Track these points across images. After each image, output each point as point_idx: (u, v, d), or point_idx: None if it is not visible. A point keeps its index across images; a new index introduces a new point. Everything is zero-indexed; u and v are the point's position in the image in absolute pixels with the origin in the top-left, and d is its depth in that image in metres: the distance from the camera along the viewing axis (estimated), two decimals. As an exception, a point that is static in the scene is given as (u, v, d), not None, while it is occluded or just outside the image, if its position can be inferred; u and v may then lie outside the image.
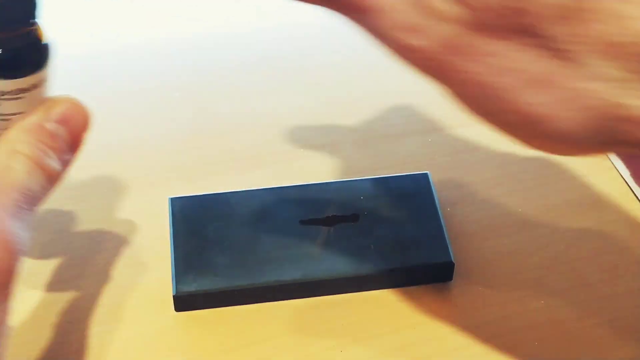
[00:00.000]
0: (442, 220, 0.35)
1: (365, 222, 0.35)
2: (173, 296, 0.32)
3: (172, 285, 0.32)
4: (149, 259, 0.35)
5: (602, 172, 0.40)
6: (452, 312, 0.34)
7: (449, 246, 0.34)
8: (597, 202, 0.38)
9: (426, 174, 0.37)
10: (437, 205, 0.35)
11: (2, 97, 0.25)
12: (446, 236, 0.34)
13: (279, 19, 0.50)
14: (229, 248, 0.33)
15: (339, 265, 0.33)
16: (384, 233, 0.34)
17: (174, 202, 0.35)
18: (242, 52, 0.47)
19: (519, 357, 0.32)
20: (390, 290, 0.34)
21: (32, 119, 0.26)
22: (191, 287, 0.32)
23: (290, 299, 0.33)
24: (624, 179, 0.39)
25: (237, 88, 0.44)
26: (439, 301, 0.34)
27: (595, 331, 0.33)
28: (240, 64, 0.46)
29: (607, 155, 0.40)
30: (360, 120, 0.42)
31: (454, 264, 0.34)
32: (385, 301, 0.34)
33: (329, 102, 0.43)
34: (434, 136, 0.41)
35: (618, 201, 0.38)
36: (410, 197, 0.36)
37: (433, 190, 0.36)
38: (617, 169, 0.40)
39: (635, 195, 0.39)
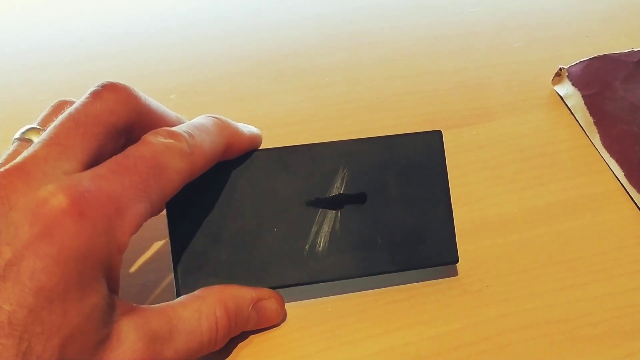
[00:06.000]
0: (450, 200, 0.33)
1: (372, 204, 0.33)
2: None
3: (175, 286, 0.31)
4: (151, 258, 0.35)
5: (596, 173, 0.40)
6: (448, 312, 0.34)
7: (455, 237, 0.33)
8: (591, 202, 0.39)
9: (439, 132, 0.34)
10: (447, 176, 0.33)
11: None
12: (453, 224, 0.33)
13: (276, 19, 0.50)
14: (231, 242, 0.32)
15: (344, 265, 0.32)
16: (391, 220, 0.33)
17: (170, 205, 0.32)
18: (240, 53, 0.47)
19: (515, 357, 0.32)
20: (387, 290, 0.34)
21: (243, 295, 0.31)
22: (194, 287, 0.31)
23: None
24: (618, 179, 0.40)
25: (234, 89, 0.45)
26: (435, 301, 0.34)
27: (590, 331, 0.33)
28: (237, 65, 0.46)
29: (601, 156, 0.41)
30: (360, 120, 0.43)
31: (457, 260, 0.33)
32: (381, 301, 0.34)
33: (328, 103, 0.44)
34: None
35: (612, 201, 0.39)
36: (420, 166, 0.33)
37: (444, 156, 0.34)
38: (610, 169, 0.40)
39: (629, 195, 0.39)
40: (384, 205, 0.33)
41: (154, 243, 0.36)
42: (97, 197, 0.25)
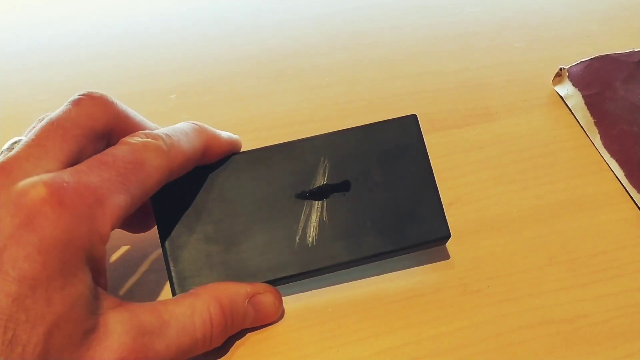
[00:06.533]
0: (434, 178, 0.33)
1: (357, 190, 0.33)
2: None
3: (171, 289, 0.32)
4: (151, 258, 0.35)
5: (597, 173, 0.40)
6: (447, 313, 0.34)
7: (444, 214, 0.33)
8: (591, 202, 0.39)
9: (414, 116, 0.35)
10: (427, 156, 0.34)
11: None
12: (440, 201, 0.33)
13: (276, 19, 0.50)
14: (222, 241, 0.32)
15: (336, 252, 0.32)
16: (378, 203, 0.33)
17: (155, 199, 0.32)
18: (240, 53, 0.47)
19: (515, 357, 0.32)
20: (387, 291, 0.34)
21: (237, 291, 0.31)
22: (189, 288, 0.31)
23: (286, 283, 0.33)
24: (618, 179, 0.40)
25: (234, 89, 0.45)
26: (435, 301, 0.34)
27: (590, 331, 0.33)
28: (237, 65, 0.46)
29: (601, 156, 0.41)
30: (359, 121, 0.42)
31: (449, 235, 0.33)
32: (381, 302, 0.34)
33: (328, 103, 0.44)
34: (430, 137, 0.41)
35: (612, 201, 0.39)
36: (399, 149, 0.34)
37: (422, 137, 0.34)
38: (611, 170, 0.40)
39: (629, 195, 0.39)
40: (368, 191, 0.33)
41: (154, 243, 0.36)
42: (76, 187, 0.26)
